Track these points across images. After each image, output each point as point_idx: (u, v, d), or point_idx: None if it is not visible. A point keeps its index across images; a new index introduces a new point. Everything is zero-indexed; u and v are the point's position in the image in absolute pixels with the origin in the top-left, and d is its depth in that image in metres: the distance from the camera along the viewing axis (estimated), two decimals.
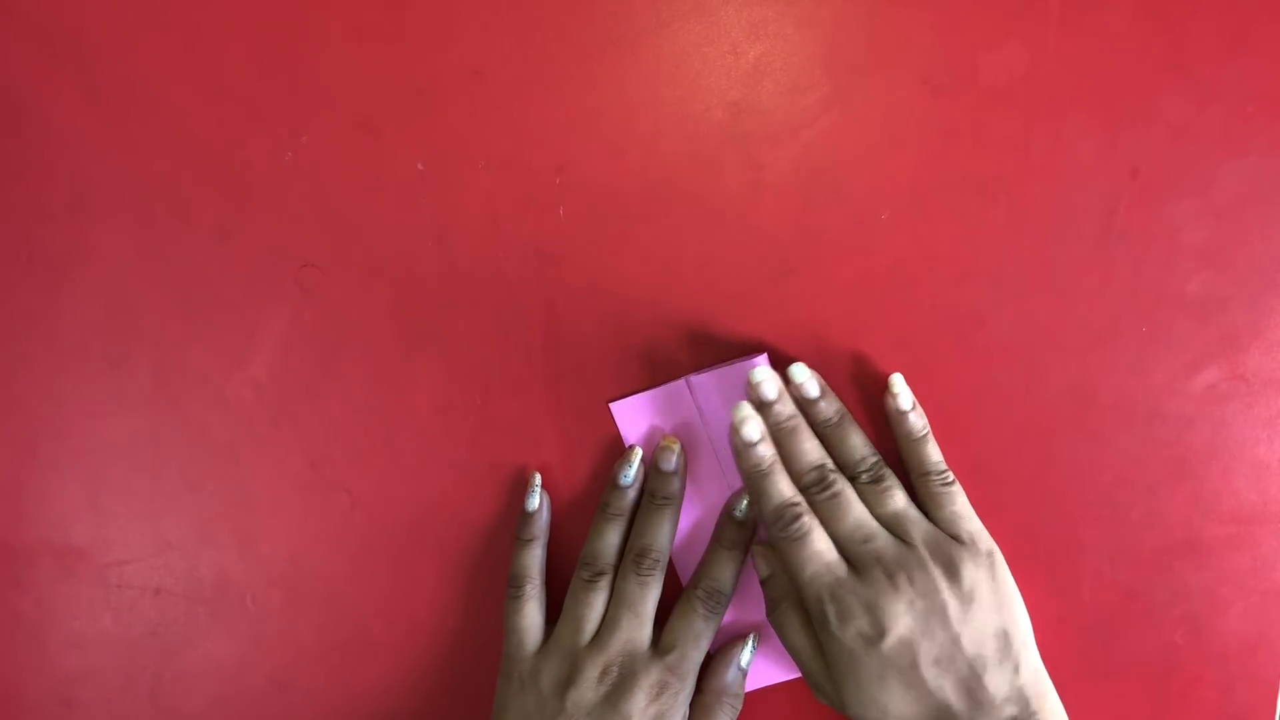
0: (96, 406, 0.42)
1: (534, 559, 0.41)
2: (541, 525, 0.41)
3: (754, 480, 0.38)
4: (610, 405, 0.41)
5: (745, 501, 0.41)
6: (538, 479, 0.41)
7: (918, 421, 0.40)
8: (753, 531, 0.41)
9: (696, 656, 0.39)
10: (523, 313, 0.41)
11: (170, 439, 0.42)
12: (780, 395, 0.39)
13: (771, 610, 0.40)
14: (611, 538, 0.40)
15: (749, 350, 0.42)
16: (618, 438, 0.42)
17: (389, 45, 0.40)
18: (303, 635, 0.43)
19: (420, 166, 0.40)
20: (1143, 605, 0.43)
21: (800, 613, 0.38)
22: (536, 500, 0.41)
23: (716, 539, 0.41)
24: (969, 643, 0.35)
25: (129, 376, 0.41)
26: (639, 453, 0.41)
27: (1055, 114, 0.40)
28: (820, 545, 0.37)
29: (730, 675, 0.40)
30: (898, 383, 0.39)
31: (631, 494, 0.41)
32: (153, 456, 0.42)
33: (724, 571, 0.40)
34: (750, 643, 0.41)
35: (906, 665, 0.35)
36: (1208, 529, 0.42)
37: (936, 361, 0.41)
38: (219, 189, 0.41)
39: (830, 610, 0.36)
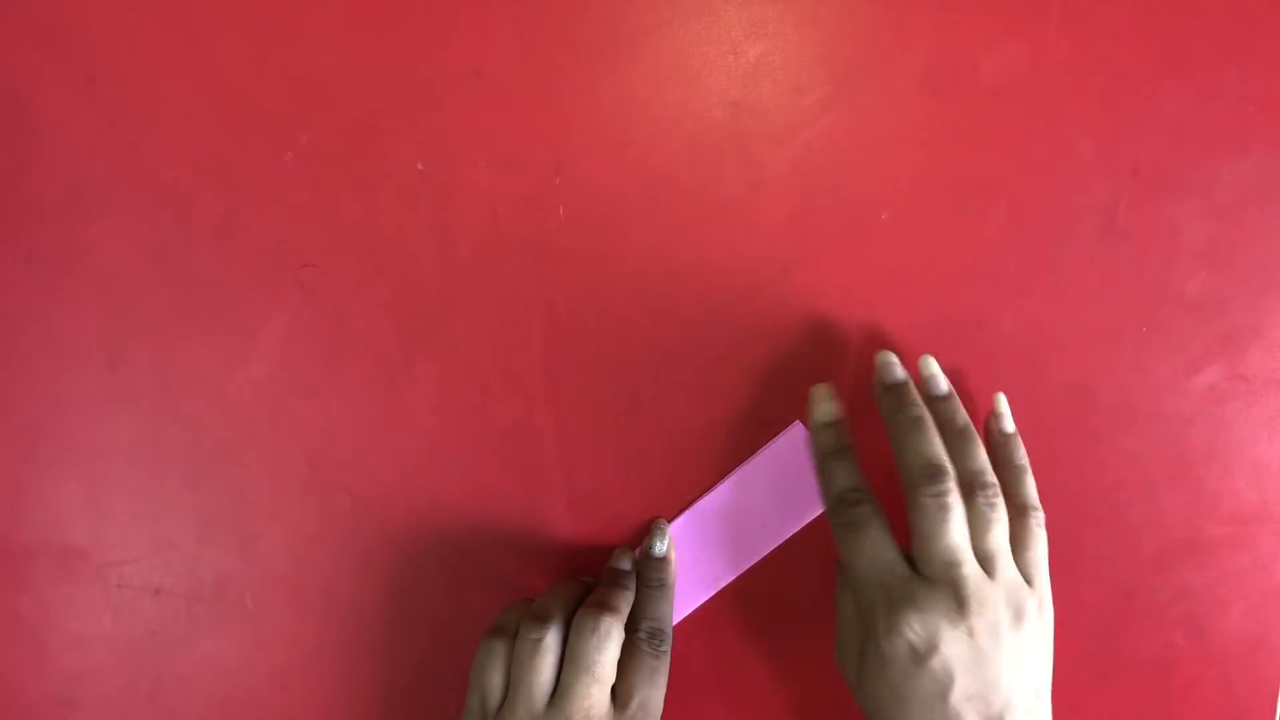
0: (96, 406, 0.42)
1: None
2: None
3: (823, 460, 0.38)
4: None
5: (658, 540, 0.41)
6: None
7: (1021, 449, 0.38)
8: (674, 566, 0.41)
9: (657, 697, 0.38)
10: (523, 313, 0.41)
11: (170, 439, 0.42)
12: (909, 381, 0.39)
13: (839, 572, 0.39)
14: (574, 591, 0.40)
15: (746, 354, 0.42)
16: (615, 438, 0.42)
17: (389, 45, 0.40)
18: (303, 635, 0.43)
19: (420, 166, 0.40)
20: (1143, 605, 0.43)
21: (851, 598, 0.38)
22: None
23: (644, 580, 0.41)
24: (1007, 687, 0.34)
25: (129, 376, 0.41)
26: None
27: (1055, 114, 0.40)
28: (878, 541, 0.36)
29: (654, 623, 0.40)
30: (1002, 403, 0.38)
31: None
32: (153, 456, 0.42)
33: (660, 609, 0.40)
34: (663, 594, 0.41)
35: (938, 691, 0.34)
36: (1208, 529, 0.42)
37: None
38: (219, 189, 0.41)
39: (881, 611, 0.35)
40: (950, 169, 0.41)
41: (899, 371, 0.39)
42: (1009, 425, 0.39)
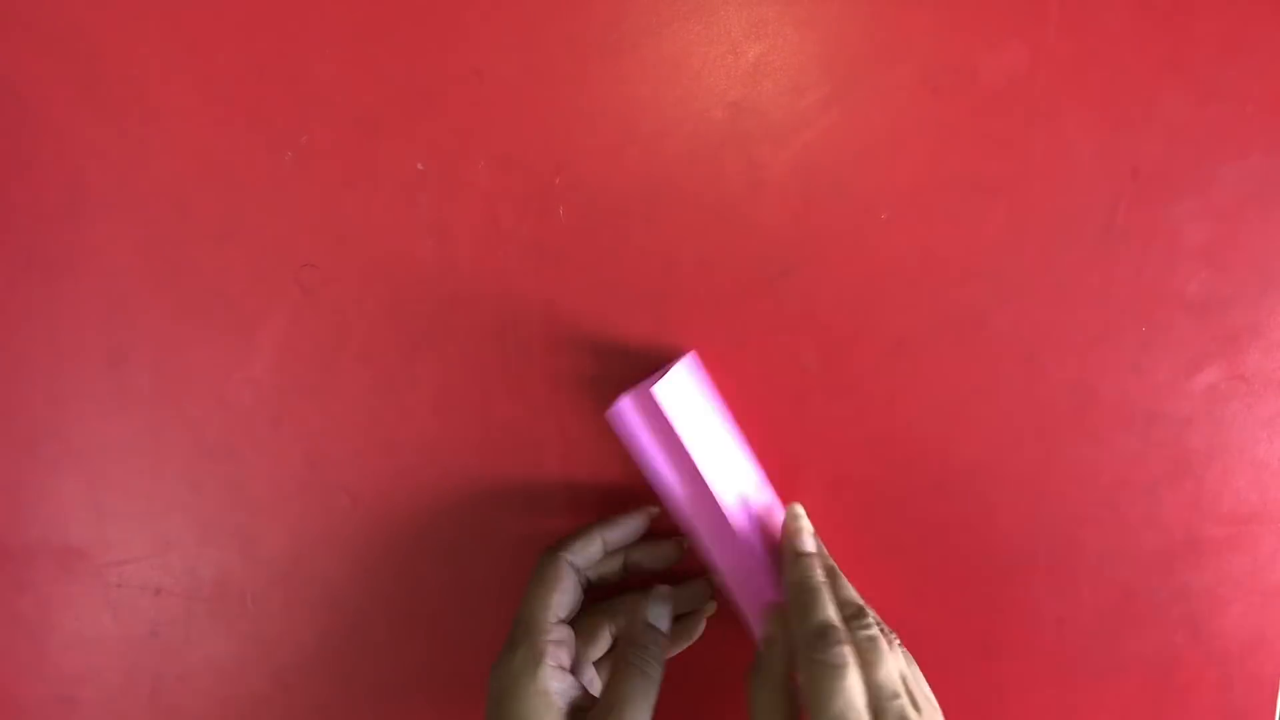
0: (96, 406, 0.42)
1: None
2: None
3: (802, 592, 0.37)
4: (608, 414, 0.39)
5: (657, 606, 0.39)
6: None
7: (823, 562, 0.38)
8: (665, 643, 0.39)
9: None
10: (523, 313, 0.41)
11: (170, 439, 0.42)
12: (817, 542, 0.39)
13: (756, 673, 0.37)
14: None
15: (745, 354, 0.42)
16: (615, 438, 0.42)
17: (389, 45, 0.40)
18: (303, 635, 0.43)
19: (420, 166, 0.40)
20: (1143, 605, 0.43)
21: (785, 697, 0.36)
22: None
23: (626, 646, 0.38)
24: None
25: (129, 376, 0.41)
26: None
27: (1055, 114, 0.40)
28: (857, 686, 0.34)
29: (634, 626, 0.38)
30: (797, 516, 0.39)
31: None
32: (153, 456, 0.42)
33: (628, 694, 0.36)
34: (657, 599, 0.39)
35: None
36: (1208, 529, 0.42)
37: (936, 361, 0.41)
38: (219, 189, 0.41)
39: None
40: (950, 169, 0.41)
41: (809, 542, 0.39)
42: (804, 544, 0.39)
